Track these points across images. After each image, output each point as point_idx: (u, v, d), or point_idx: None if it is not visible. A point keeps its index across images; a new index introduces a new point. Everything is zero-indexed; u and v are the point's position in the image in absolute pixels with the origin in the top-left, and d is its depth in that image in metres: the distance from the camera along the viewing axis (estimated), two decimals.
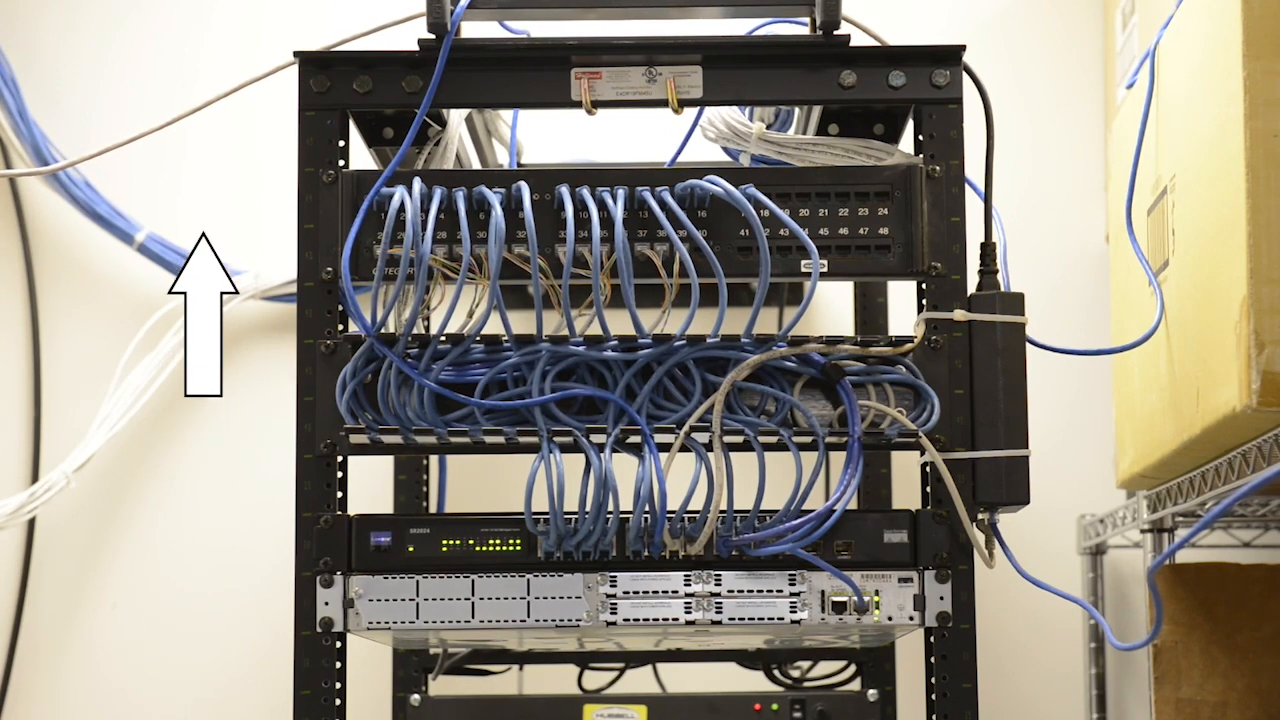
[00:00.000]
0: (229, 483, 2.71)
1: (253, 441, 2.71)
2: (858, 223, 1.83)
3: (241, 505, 2.70)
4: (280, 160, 2.51)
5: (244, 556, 2.68)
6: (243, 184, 2.75)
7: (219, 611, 2.68)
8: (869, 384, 1.81)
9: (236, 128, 2.74)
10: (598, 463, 1.76)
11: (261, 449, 2.70)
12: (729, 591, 1.80)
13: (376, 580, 1.80)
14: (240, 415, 2.72)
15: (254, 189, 2.75)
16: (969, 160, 1.84)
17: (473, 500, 2.61)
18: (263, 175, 2.74)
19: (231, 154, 2.77)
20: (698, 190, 1.79)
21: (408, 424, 1.78)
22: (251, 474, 2.70)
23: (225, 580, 2.69)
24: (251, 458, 2.71)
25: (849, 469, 1.78)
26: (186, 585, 2.69)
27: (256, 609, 2.67)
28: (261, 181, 2.74)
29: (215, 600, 2.69)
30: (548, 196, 1.81)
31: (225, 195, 2.76)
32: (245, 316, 2.74)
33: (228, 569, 2.69)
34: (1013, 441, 1.79)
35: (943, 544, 1.80)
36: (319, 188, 1.83)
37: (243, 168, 2.76)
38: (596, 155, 2.56)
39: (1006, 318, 1.81)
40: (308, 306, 1.82)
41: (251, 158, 2.76)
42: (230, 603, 2.68)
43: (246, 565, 2.68)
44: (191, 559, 2.70)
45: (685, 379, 1.80)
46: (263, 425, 2.71)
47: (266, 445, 2.69)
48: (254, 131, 2.74)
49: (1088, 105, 2.73)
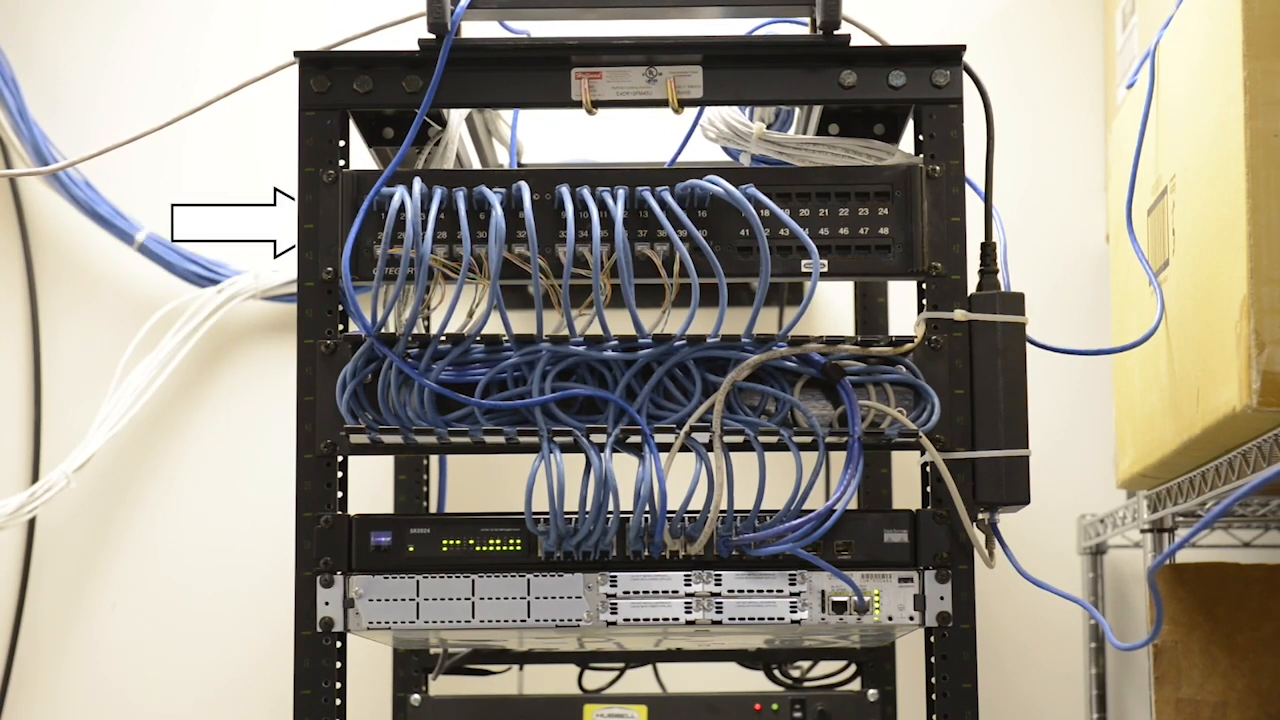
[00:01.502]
0: (229, 483, 2.71)
1: (253, 442, 2.71)
2: (858, 223, 1.83)
3: (241, 505, 2.70)
4: (280, 160, 2.51)
5: (244, 556, 2.68)
6: (243, 184, 2.75)
7: (219, 611, 2.68)
8: (869, 384, 1.81)
9: (237, 128, 2.74)
10: (598, 462, 1.76)
11: (261, 449, 2.70)
12: (729, 591, 1.80)
13: (377, 580, 1.80)
14: (240, 415, 2.72)
15: (254, 189, 2.75)
16: (969, 160, 1.84)
17: (473, 500, 2.61)
18: (263, 176, 2.74)
19: (232, 154, 2.77)
20: (698, 190, 1.79)
21: (408, 424, 1.78)
22: (251, 474, 2.70)
23: (225, 580, 2.69)
24: (251, 458, 2.71)
25: (849, 469, 1.77)
26: (186, 585, 2.69)
27: (256, 609, 2.67)
28: (261, 182, 2.74)
29: (215, 600, 2.68)
30: (548, 196, 1.81)
31: (225, 195, 2.76)
32: (245, 316, 2.74)
33: (228, 569, 2.69)
34: (1013, 441, 1.79)
35: (943, 544, 1.80)
36: (319, 188, 1.83)
37: (243, 168, 2.76)
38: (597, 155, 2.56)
39: (1007, 317, 1.81)
40: (308, 306, 1.82)
41: (251, 158, 2.76)
42: (230, 603, 2.68)
43: (246, 565, 2.68)
44: (191, 559, 2.70)
45: (685, 379, 1.80)
46: (263, 425, 2.71)
47: (266, 445, 2.69)
48: (254, 132, 2.74)
49: (1088, 105, 2.73)
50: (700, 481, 1.76)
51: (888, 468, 2.50)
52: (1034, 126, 2.75)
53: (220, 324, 2.71)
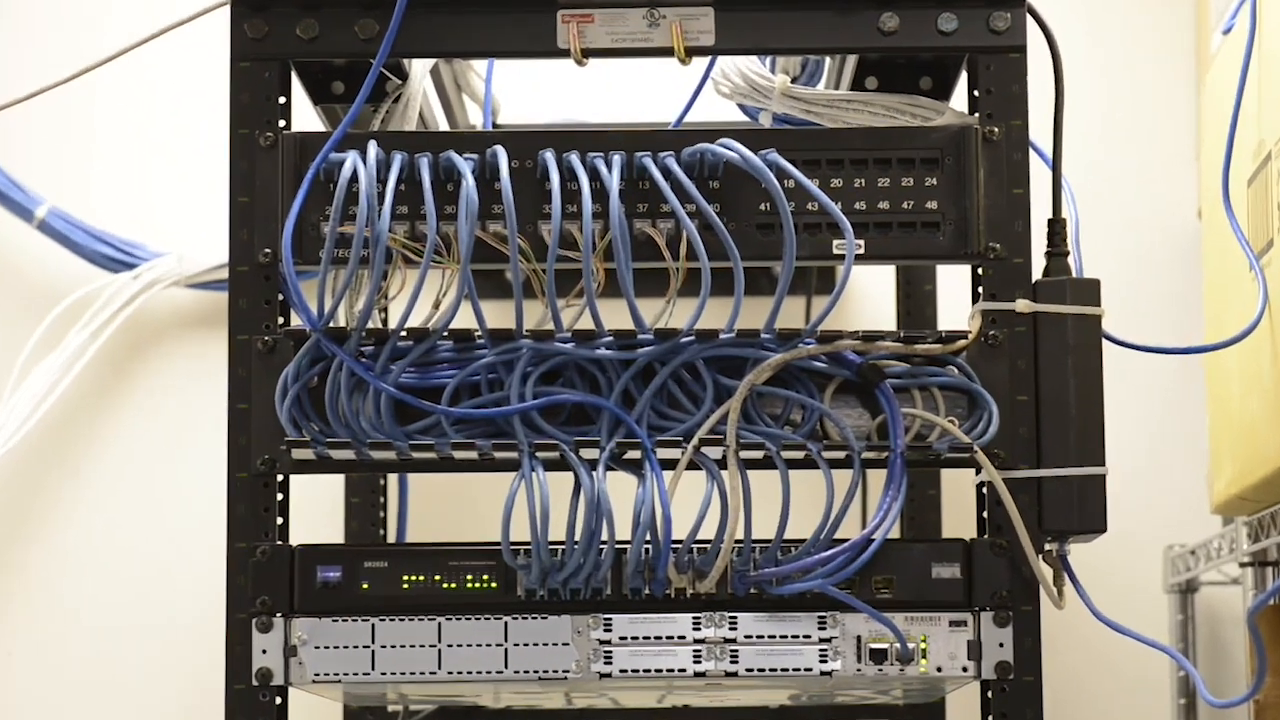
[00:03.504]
0: (148, 508, 2.71)
1: (176, 457, 2.71)
2: (901, 195, 1.83)
3: (163, 535, 2.70)
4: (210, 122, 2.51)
5: (166, 596, 2.68)
6: (164, 150, 2.75)
7: (136, 661, 2.68)
8: (914, 388, 1.81)
9: (156, 83, 2.74)
10: (589, 482, 1.76)
11: (187, 466, 2.70)
12: (746, 637, 1.80)
13: (324, 623, 1.80)
14: (161, 426, 2.72)
15: (178, 157, 2.74)
16: (1034, 121, 1.84)
17: (440, 528, 2.61)
18: (189, 140, 2.73)
19: (152, 114, 2.77)
20: (709, 156, 1.79)
21: (361, 436, 1.79)
22: (175, 496, 2.70)
23: (144, 623, 2.68)
24: (174, 477, 2.70)
25: (890, 490, 1.78)
26: (97, 630, 2.69)
27: (180, 658, 2.67)
28: (187, 148, 2.74)
29: (132, 647, 2.68)
30: (529, 163, 1.81)
31: (143, 163, 2.76)
32: (167, 307, 2.74)
33: (146, 610, 2.68)
34: (1086, 457, 1.79)
35: (1002, 580, 1.80)
36: (255, 153, 1.83)
37: (164, 131, 2.76)
38: (587, 115, 2.56)
39: (1079, 309, 1.81)
40: (241, 295, 1.83)
41: (175, 119, 2.75)
42: (150, 650, 2.68)
43: (169, 606, 2.68)
44: (104, 599, 2.69)
45: (694, 382, 1.80)
46: (188, 438, 2.70)
47: (193, 462, 2.69)
48: (178, 87, 2.74)
49: (1176, 55, 2.74)
50: (712, 505, 1.76)
51: (936, 489, 2.51)
52: (1110, 80, 2.75)
53: (137, 316, 2.71)
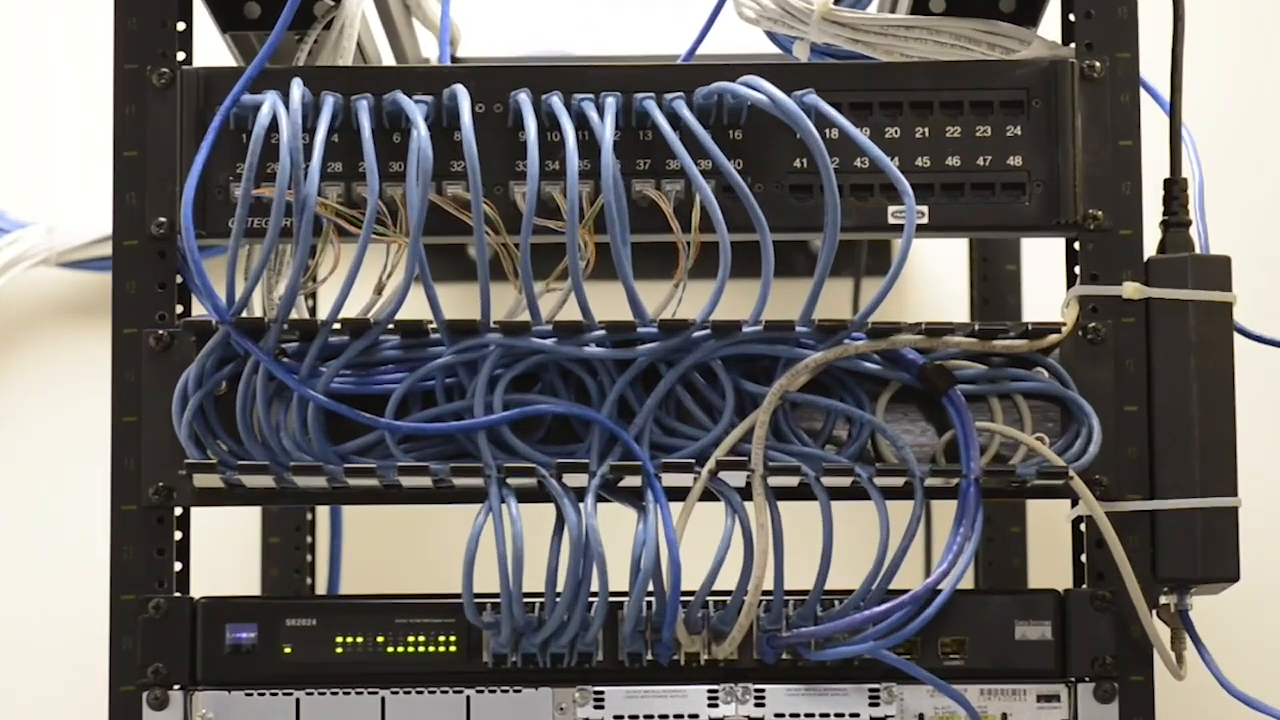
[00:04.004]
0: (5, 547, 2.70)
1: (43, 482, 2.71)
2: (975, 149, 1.84)
3: (25, 582, 2.70)
4: (87, 56, 2.51)
5: (28, 664, 2.68)
6: (29, 93, 2.75)
7: None
8: (992, 396, 1.82)
9: (19, 10, 2.74)
10: (575, 516, 1.76)
11: (57, 494, 2.70)
12: (777, 716, 1.81)
13: (236, 698, 1.81)
14: (24, 440, 2.72)
15: (46, 101, 2.74)
16: (1146, 54, 1.85)
17: (384, 576, 2.62)
18: (60, 79, 2.74)
19: (12, 49, 2.76)
20: (729, 98, 1.79)
21: (283, 458, 1.79)
22: (42, 532, 2.70)
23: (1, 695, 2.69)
24: (42, 507, 2.70)
25: (962, 527, 1.78)
26: None
27: None
28: (58, 89, 2.74)
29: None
30: (499, 108, 1.82)
31: (3, 112, 2.76)
32: (34, 290, 2.74)
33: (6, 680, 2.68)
34: (1213, 486, 1.79)
35: (1106, 642, 1.81)
36: (147, 94, 1.84)
37: (29, 71, 2.76)
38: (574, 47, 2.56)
39: (1204, 294, 1.81)
40: (129, 277, 1.83)
41: (42, 53, 2.75)
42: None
43: (32, 675, 2.68)
44: None
45: (709, 389, 1.81)
46: (58, 457, 2.70)
47: (66, 489, 2.69)
48: (45, 16, 2.74)
49: None
50: (733, 546, 1.77)
51: (1021, 526, 2.51)
52: (1244, 5, 2.75)
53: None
